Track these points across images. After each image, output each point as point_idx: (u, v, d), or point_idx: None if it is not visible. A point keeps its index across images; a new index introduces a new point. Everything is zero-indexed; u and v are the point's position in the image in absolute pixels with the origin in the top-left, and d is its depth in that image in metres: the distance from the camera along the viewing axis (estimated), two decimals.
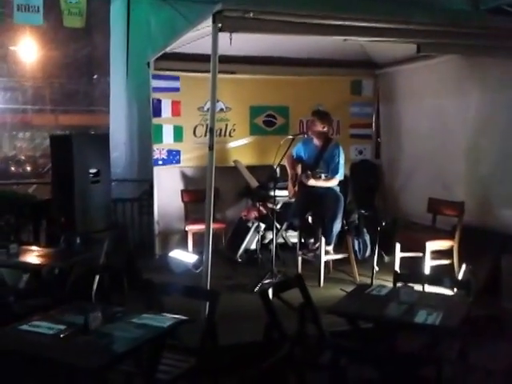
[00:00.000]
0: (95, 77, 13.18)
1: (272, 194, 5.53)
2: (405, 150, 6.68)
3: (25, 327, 2.77)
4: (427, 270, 5.05)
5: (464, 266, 4.81)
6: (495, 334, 3.87)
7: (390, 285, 3.72)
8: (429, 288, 3.91)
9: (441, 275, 4.35)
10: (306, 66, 6.69)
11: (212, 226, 6.11)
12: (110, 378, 2.85)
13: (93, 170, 5.85)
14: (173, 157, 6.49)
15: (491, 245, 4.70)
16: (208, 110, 6.25)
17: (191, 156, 6.53)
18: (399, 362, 2.68)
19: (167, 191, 6.45)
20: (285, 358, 2.70)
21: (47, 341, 2.63)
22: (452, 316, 2.89)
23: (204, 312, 3.81)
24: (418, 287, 3.83)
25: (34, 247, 4.68)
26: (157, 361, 2.92)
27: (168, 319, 2.96)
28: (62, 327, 2.74)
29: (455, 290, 4.08)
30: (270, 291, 3.46)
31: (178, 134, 6.48)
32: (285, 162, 5.70)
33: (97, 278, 4.51)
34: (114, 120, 6.98)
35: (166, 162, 6.47)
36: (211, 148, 4.24)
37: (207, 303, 3.69)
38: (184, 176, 6.65)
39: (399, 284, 3.57)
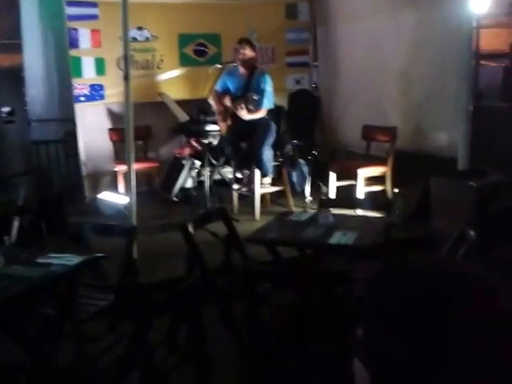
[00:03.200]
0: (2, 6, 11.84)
1: (205, 128, 5.28)
2: (342, 77, 6.44)
3: None
4: (361, 197, 4.97)
5: (395, 191, 4.76)
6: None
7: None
8: (361, 212, 3.84)
9: (364, 199, 4.29)
10: None
11: (144, 164, 5.98)
12: (28, 322, 2.73)
13: (5, 110, 5.41)
14: (96, 92, 6.04)
15: (423, 169, 4.64)
16: (133, 39, 5.87)
17: (116, 91, 6.03)
18: (315, 283, 2.59)
19: (93, 130, 6.04)
20: (199, 287, 2.59)
21: None
22: (366, 236, 2.82)
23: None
24: (349, 212, 3.77)
25: None
26: (71, 300, 2.82)
27: (76, 257, 2.82)
28: None
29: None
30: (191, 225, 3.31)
31: (100, 66, 6.00)
32: (210, 99, 5.44)
33: (16, 222, 4.27)
34: (27, 53, 6.35)
35: (88, 99, 6.01)
36: (126, 78, 3.95)
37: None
38: (110, 113, 6.24)
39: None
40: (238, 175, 5.65)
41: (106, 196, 5.78)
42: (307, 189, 4.97)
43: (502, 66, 6.70)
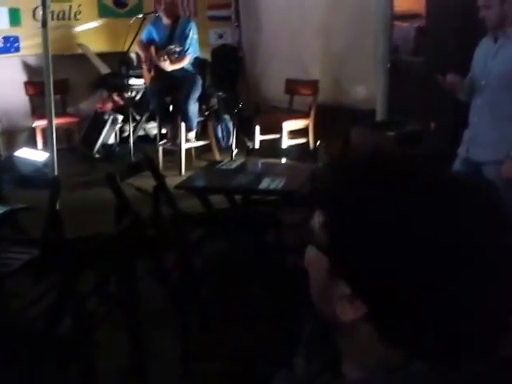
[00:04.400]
0: None
1: (128, 82, 5.15)
2: (264, 32, 6.41)
3: None
4: (285, 148, 5.08)
5: (318, 143, 4.90)
6: None
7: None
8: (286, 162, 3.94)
9: (289, 150, 4.42)
10: None
11: (63, 120, 5.75)
12: None
13: None
14: (10, 44, 5.70)
15: (344, 121, 4.78)
16: None
17: (33, 43, 5.71)
18: (244, 228, 2.66)
19: (8, 84, 5.69)
20: (128, 234, 2.58)
21: None
22: (294, 182, 2.92)
23: None
24: (275, 162, 3.86)
25: None
26: None
27: None
28: None
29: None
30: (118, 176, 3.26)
31: (15, 17, 5.65)
32: (137, 48, 5.31)
33: None
34: None
35: (2, 51, 5.66)
36: (44, 25, 3.77)
37: None
38: (26, 66, 5.93)
39: None
40: (163, 130, 5.58)
41: (23, 153, 5.53)
42: (233, 143, 5.02)
43: (415, 26, 6.98)
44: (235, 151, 5.00)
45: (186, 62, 5.15)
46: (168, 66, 5.06)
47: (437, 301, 0.60)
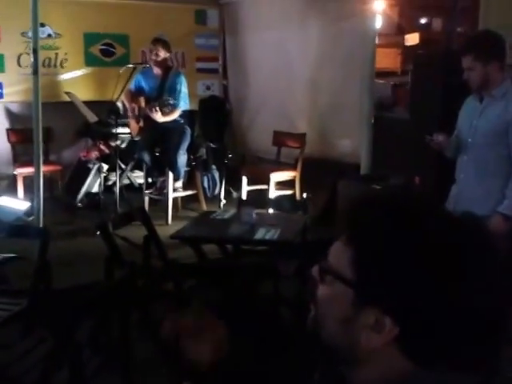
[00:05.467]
0: None
1: (114, 130, 5.14)
2: (251, 85, 6.56)
3: None
4: (273, 199, 5.10)
5: (304, 195, 4.96)
6: None
7: None
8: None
9: (277, 201, 4.46)
10: None
11: (45, 168, 5.68)
12: None
13: None
14: None
15: (330, 173, 4.87)
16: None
17: (17, 89, 5.76)
18: (238, 278, 2.63)
19: None
20: (122, 287, 2.53)
21: None
22: (289, 232, 2.96)
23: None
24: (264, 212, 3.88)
25: None
26: None
27: None
28: None
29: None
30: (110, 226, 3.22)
31: None
32: (123, 98, 5.34)
33: None
34: None
35: None
36: (36, 72, 3.78)
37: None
38: (9, 113, 5.91)
39: None
40: (150, 179, 5.56)
41: (3, 201, 5.41)
42: (221, 193, 5.03)
43: (391, 83, 7.24)
44: (224, 201, 5.04)
45: (176, 115, 5.18)
46: (159, 118, 5.07)
47: (458, 315, 0.67)
